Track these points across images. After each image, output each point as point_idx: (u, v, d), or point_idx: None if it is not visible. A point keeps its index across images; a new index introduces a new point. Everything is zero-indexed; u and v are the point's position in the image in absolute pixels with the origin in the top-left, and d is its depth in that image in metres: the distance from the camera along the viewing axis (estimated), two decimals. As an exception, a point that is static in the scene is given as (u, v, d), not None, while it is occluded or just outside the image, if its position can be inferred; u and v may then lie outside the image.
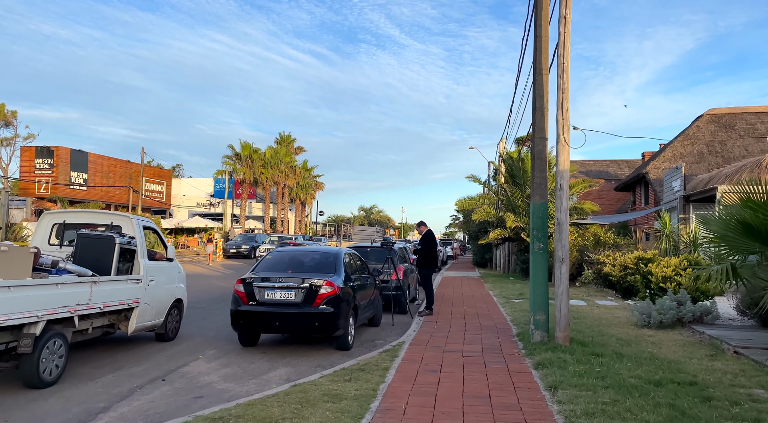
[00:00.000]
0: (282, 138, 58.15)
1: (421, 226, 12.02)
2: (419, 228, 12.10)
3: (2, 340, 5.72)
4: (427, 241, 11.77)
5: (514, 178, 21.94)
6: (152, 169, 46.37)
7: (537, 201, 8.28)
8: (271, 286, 8.02)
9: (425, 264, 11.75)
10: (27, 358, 5.87)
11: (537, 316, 8.10)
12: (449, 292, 16.69)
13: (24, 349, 5.80)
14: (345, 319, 8.19)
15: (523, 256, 20.91)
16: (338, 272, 8.57)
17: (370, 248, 13.46)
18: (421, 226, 12.06)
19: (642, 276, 12.19)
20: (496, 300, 14.44)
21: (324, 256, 9.10)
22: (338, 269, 8.64)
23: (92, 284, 6.84)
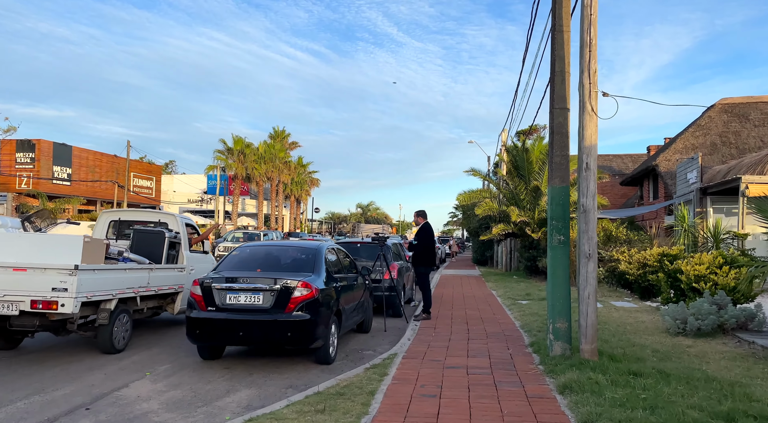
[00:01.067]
0: (276, 133, 56.66)
1: (420, 216, 10.58)
2: (417, 218, 10.66)
3: (86, 313, 7.03)
4: (424, 235, 10.36)
5: (518, 170, 20.52)
6: (141, 164, 44.87)
7: (557, 184, 6.86)
8: (234, 287, 6.60)
9: (422, 261, 10.34)
10: (104, 328, 7.19)
11: (557, 324, 6.70)
12: (448, 293, 15.29)
13: (102, 320, 7.12)
14: (325, 327, 6.78)
15: (528, 253, 19.53)
16: (318, 271, 7.15)
17: (360, 244, 12.05)
18: (419, 217, 10.61)
19: (667, 274, 10.79)
20: (501, 301, 13.03)
21: (301, 252, 7.67)
22: (318, 267, 7.22)
23: (150, 270, 8.19)
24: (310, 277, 6.87)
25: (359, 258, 11.57)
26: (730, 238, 14.49)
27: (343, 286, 7.77)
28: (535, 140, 20.08)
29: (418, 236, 10.40)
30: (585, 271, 6.46)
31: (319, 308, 6.68)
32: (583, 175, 6.47)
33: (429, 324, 9.68)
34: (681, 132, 27.12)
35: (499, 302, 12.90)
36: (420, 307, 10.98)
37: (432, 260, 10.42)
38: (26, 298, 6.50)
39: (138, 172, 44.04)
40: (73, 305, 6.50)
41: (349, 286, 8.14)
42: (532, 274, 19.80)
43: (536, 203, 19.64)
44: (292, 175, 55.92)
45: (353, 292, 8.37)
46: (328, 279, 7.28)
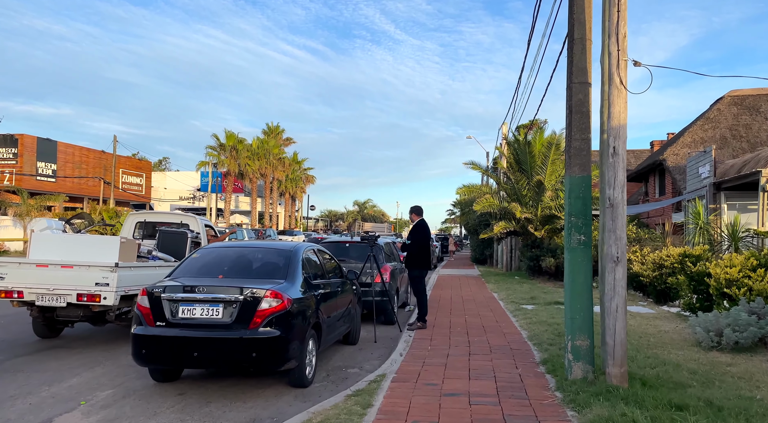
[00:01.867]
0: (270, 129, 55.46)
1: (414, 213, 9.46)
2: (411, 216, 9.54)
3: (123, 305, 7.48)
4: (419, 233, 9.24)
5: (519, 164, 19.41)
6: (130, 160, 43.61)
7: (576, 173, 5.75)
8: (188, 298, 5.47)
9: (416, 263, 9.21)
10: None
11: (577, 341, 5.59)
12: (446, 295, 14.18)
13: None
14: (300, 345, 5.67)
15: (530, 253, 18.44)
16: (292, 277, 6.03)
17: (349, 243, 10.93)
18: (413, 214, 9.50)
19: (689, 277, 9.70)
20: (504, 306, 11.93)
21: (274, 254, 6.53)
22: (293, 273, 6.10)
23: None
24: (281, 285, 5.74)
25: (348, 259, 10.49)
26: (749, 236, 13.41)
27: (324, 294, 6.66)
28: (537, 132, 18.98)
29: (412, 235, 9.29)
30: (612, 279, 5.34)
31: (292, 322, 5.56)
32: (609, 162, 5.35)
33: (424, 334, 8.58)
34: (688, 125, 26.04)
35: (501, 307, 11.79)
36: (415, 313, 9.87)
37: (427, 262, 9.30)
38: (73, 292, 7.20)
39: (127, 169, 42.80)
40: (114, 298, 7.18)
41: (332, 293, 7.02)
42: (534, 274, 18.71)
43: (539, 199, 18.54)
44: (286, 172, 54.76)
45: (337, 300, 7.26)
46: (306, 286, 6.16)
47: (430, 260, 9.40)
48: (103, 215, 31.81)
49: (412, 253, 9.22)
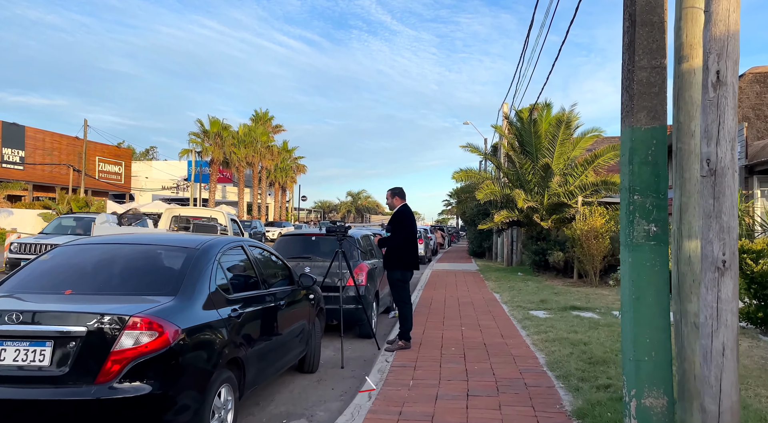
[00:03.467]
0: (258, 115, 53.02)
1: (396, 197, 7.22)
2: (392, 199, 7.30)
3: None
4: (402, 223, 7.02)
5: (524, 146, 17.20)
6: (108, 148, 41.15)
7: (642, 124, 3.54)
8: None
9: (398, 263, 6.99)
10: None
11: (647, 399, 3.41)
12: (439, 296, 12.02)
13: None
14: (196, 402, 3.50)
15: (535, 246, 16.27)
16: (189, 291, 3.82)
17: (316, 236, 8.71)
18: (395, 198, 7.29)
19: (749, 279, 7.57)
20: (509, 312, 9.77)
21: (166, 255, 4.25)
22: (191, 284, 3.89)
23: None
24: (164, 305, 3.54)
25: (315, 257, 8.32)
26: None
27: (253, 313, 4.48)
28: (543, 109, 16.76)
29: (393, 225, 7.07)
30: (713, 297, 3.13)
31: (179, 367, 3.39)
32: (709, 99, 3.13)
33: (407, 357, 6.41)
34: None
35: (506, 313, 9.63)
36: (396, 329, 7.67)
37: (413, 261, 7.10)
38: None
39: (104, 157, 40.41)
40: None
41: (269, 310, 4.84)
42: (540, 270, 16.57)
43: (545, 185, 16.35)
44: (275, 161, 52.38)
45: (281, 318, 5.08)
46: (215, 304, 3.96)
47: (416, 259, 7.20)
48: (71, 205, 29.54)
49: (393, 250, 7.02)
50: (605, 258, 14.06)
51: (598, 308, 9.86)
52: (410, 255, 7.04)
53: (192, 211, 14.12)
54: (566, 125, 15.83)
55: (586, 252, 13.90)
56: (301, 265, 8.14)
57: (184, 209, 14.12)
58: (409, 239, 7.07)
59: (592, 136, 16.86)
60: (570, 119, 15.80)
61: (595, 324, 8.12)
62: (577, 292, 12.29)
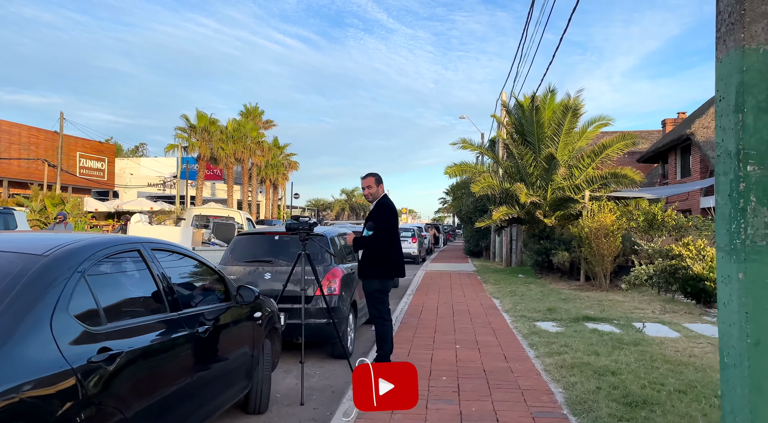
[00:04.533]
0: (248, 110, 51.44)
1: (372, 183, 5.68)
2: (374, 188, 5.74)
3: None
4: (386, 219, 5.52)
5: (524, 136, 15.74)
6: (89, 143, 39.47)
7: (761, 42, 2.07)
8: None
9: (377, 269, 5.50)
10: None
11: None
12: (431, 302, 10.57)
13: None
14: None
15: (538, 245, 14.84)
16: (7, 325, 2.33)
17: (279, 236, 7.18)
18: (379, 186, 5.75)
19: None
20: (512, 324, 8.31)
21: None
22: (16, 314, 2.39)
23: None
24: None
25: (280, 262, 6.84)
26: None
27: (145, 352, 3.00)
28: (546, 95, 15.32)
29: (376, 221, 5.55)
30: None
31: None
32: None
33: (385, 392, 4.93)
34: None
35: (508, 326, 8.17)
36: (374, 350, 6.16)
37: (397, 266, 5.61)
38: None
39: (86, 152, 38.79)
40: None
41: (176, 343, 3.34)
42: (543, 271, 15.14)
43: (549, 178, 14.91)
44: (266, 157, 50.75)
45: (202, 350, 3.62)
46: (59, 344, 2.47)
47: (401, 264, 5.72)
48: (45, 203, 27.98)
49: (372, 253, 5.53)
50: (616, 259, 12.64)
51: (615, 319, 8.42)
52: (394, 259, 5.56)
53: (211, 211, 15.27)
54: (573, 112, 14.38)
55: (594, 252, 12.48)
56: (261, 272, 6.68)
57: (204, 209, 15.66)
58: (390, 241, 5.60)
59: (600, 124, 15.42)
60: (577, 106, 14.36)
61: (618, 341, 6.67)
62: (587, 298, 10.86)
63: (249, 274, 6.67)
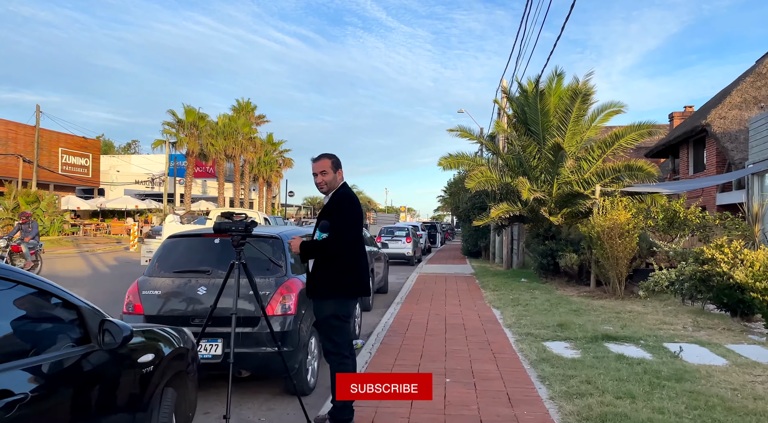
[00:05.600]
0: (240, 105, 49.92)
1: (327, 167, 4.11)
2: (333, 174, 4.14)
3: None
4: (341, 214, 4.01)
5: (528, 126, 14.24)
6: (72, 139, 37.93)
7: None
8: None
9: (329, 287, 3.95)
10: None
11: None
12: (421, 314, 9.07)
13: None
14: None
15: (543, 246, 13.35)
16: None
17: (220, 238, 5.64)
18: (337, 171, 4.17)
19: None
20: (516, 345, 6.81)
21: None
22: None
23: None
24: None
25: (219, 272, 5.30)
26: None
27: None
28: (552, 79, 13.81)
29: (332, 218, 4.01)
30: None
31: None
32: None
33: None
34: (733, 84, 20.96)
35: (512, 348, 6.67)
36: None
37: (360, 283, 4.09)
38: None
39: (68, 148, 37.26)
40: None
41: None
42: (548, 275, 13.66)
43: (555, 172, 13.42)
44: (258, 154, 49.23)
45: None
46: None
47: (366, 278, 4.21)
48: (18, 201, 26.47)
49: (325, 265, 4.02)
50: (632, 261, 11.17)
51: (642, 338, 6.93)
52: (358, 271, 4.06)
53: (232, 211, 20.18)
54: (582, 98, 12.88)
55: (607, 254, 10.98)
56: (194, 286, 5.19)
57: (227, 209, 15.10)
58: (356, 244, 4.10)
59: (611, 111, 13.93)
60: (587, 91, 12.86)
61: (655, 375, 5.18)
62: (601, 308, 9.38)
63: (178, 288, 5.18)
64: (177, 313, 5.08)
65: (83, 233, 32.84)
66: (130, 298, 5.23)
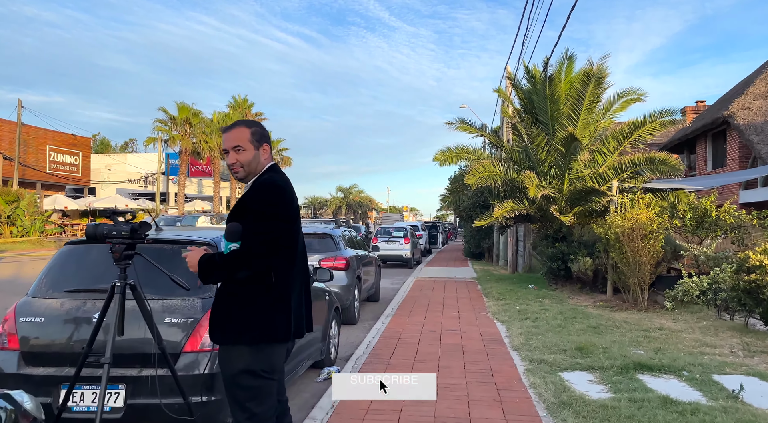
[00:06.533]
0: (237, 102, 48.50)
1: (244, 140, 2.69)
2: (236, 155, 2.71)
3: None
4: (261, 212, 2.55)
5: (535, 115, 12.83)
6: (61, 136, 36.65)
7: None
8: None
9: (240, 325, 2.54)
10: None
11: None
12: (413, 329, 7.68)
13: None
14: None
15: (552, 249, 11.96)
16: None
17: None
18: (240, 144, 2.69)
19: None
20: (526, 376, 5.42)
21: None
22: None
23: None
24: None
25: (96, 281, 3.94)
26: None
27: None
28: (563, 63, 12.41)
29: (236, 219, 2.65)
30: None
31: None
32: None
33: None
34: (755, 73, 19.50)
35: (522, 384, 5.28)
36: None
37: (290, 321, 2.60)
38: None
39: (57, 146, 36.01)
40: None
41: None
42: (558, 281, 12.27)
43: (567, 166, 12.02)
44: (255, 152, 47.85)
45: None
46: None
47: (304, 310, 2.79)
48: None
49: (235, 292, 2.60)
50: (657, 267, 9.78)
51: (684, 367, 5.55)
52: (285, 302, 2.64)
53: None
54: (596, 82, 11.47)
55: (628, 258, 9.59)
56: (88, 311, 3.83)
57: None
58: (289, 258, 2.68)
59: (629, 99, 12.52)
60: (601, 73, 11.46)
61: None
62: (625, 324, 7.99)
63: (68, 314, 3.83)
64: (63, 348, 3.73)
65: (72, 235, 31.58)
66: (4, 327, 3.88)
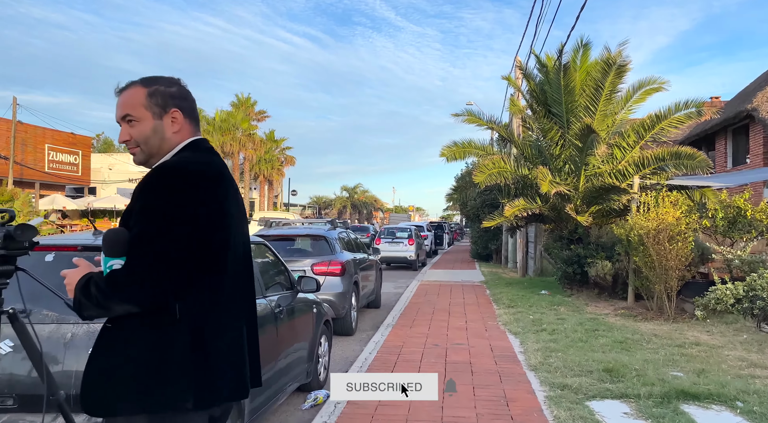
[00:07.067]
0: (240, 101, 47.90)
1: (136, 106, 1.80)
2: (131, 128, 1.80)
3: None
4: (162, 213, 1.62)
5: (548, 107, 11.91)
6: (60, 135, 35.98)
7: None
8: None
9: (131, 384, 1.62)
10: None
11: None
12: (414, 343, 6.81)
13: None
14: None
15: (567, 251, 11.05)
16: None
17: (52, 255, 3.44)
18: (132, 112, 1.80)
19: None
20: (548, 409, 4.53)
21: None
22: None
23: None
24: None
25: (35, 313, 3.08)
26: None
27: None
28: (578, 51, 11.50)
29: (129, 220, 1.71)
30: None
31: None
32: None
33: None
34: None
35: (545, 419, 4.41)
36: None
37: (214, 377, 1.68)
38: None
39: (55, 145, 35.38)
40: None
41: None
42: (573, 286, 11.36)
43: (583, 161, 11.11)
44: (258, 151, 47.26)
45: None
46: None
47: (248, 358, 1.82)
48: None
49: (121, 328, 1.67)
50: (689, 270, 8.87)
51: (737, 395, 4.66)
52: (202, 345, 1.69)
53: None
54: (617, 71, 10.56)
55: (654, 262, 8.69)
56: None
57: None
58: (212, 279, 1.75)
59: (650, 88, 11.59)
60: (624, 62, 10.55)
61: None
62: (655, 338, 7.09)
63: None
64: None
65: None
66: None
